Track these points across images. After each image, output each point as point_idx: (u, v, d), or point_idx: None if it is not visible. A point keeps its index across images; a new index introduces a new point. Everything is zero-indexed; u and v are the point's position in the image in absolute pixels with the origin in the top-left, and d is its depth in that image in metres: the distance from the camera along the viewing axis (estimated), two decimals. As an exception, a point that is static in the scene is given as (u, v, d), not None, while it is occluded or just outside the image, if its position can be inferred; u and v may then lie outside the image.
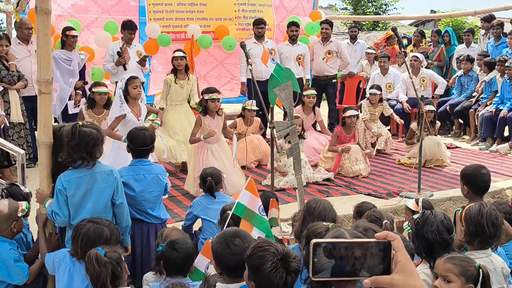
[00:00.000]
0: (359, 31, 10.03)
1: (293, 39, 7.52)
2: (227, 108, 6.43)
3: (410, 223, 2.57)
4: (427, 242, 2.37)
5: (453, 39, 9.25)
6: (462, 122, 8.49)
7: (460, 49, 8.95)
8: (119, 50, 6.36)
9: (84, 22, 7.06)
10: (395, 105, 8.16)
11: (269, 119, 4.13)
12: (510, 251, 2.95)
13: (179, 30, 7.64)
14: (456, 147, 7.63)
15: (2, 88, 5.70)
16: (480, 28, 10.01)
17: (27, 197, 3.27)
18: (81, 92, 6.47)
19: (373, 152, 6.66)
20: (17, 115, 5.79)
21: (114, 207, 3.02)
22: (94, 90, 5.54)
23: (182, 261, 2.72)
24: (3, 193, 3.19)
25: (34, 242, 3.20)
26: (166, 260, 2.73)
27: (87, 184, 2.87)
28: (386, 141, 7.04)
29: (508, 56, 7.61)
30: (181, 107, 6.00)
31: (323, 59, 7.83)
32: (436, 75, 8.28)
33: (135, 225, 3.40)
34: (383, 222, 2.81)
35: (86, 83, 6.59)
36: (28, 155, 5.97)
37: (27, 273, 2.89)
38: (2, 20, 30.78)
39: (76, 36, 6.38)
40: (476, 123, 7.80)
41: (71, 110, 6.39)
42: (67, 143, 2.80)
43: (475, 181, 3.24)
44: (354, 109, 6.28)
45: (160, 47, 7.40)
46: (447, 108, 8.28)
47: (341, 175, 6.00)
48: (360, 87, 8.69)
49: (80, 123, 2.87)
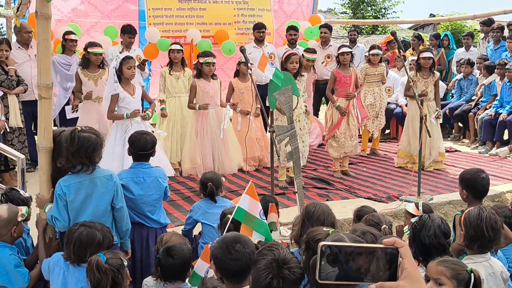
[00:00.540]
0: (359, 35, 10.02)
1: (292, 43, 7.53)
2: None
3: (409, 227, 2.57)
4: (424, 246, 2.37)
5: (452, 43, 9.28)
6: (462, 125, 8.50)
7: (460, 53, 8.98)
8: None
9: (84, 27, 7.07)
10: (394, 108, 8.17)
11: (269, 123, 4.14)
12: (509, 255, 2.95)
13: (179, 34, 7.65)
14: (456, 150, 7.64)
15: (2, 93, 5.71)
16: (479, 31, 10.04)
17: (27, 201, 3.26)
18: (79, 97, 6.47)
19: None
20: (16, 120, 5.80)
21: (114, 211, 3.02)
22: (89, 50, 5.59)
23: (179, 268, 2.72)
24: (2, 198, 3.18)
25: (34, 247, 3.20)
26: (162, 267, 2.73)
27: (87, 189, 2.87)
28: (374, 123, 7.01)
29: (508, 60, 7.63)
30: (180, 100, 6.04)
31: (322, 63, 7.84)
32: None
33: (135, 230, 3.40)
34: (381, 227, 2.81)
35: None
36: (27, 159, 5.97)
37: (27, 279, 2.88)
38: (2, 24, 30.85)
39: (75, 40, 6.39)
40: (476, 127, 7.82)
41: (69, 115, 6.39)
42: (66, 148, 2.80)
43: (475, 185, 3.24)
44: (348, 47, 6.27)
45: (159, 52, 7.42)
46: (447, 112, 8.29)
47: (341, 179, 6.00)
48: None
49: (79, 128, 2.87)
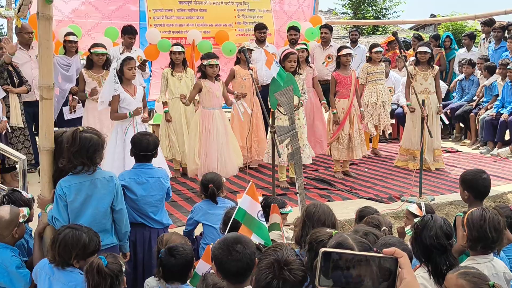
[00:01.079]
0: (360, 35, 10.03)
1: (292, 43, 7.53)
2: (228, 114, 6.41)
3: (411, 227, 2.57)
4: (425, 247, 2.36)
5: (453, 44, 9.27)
6: (463, 126, 8.49)
7: (461, 53, 8.97)
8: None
9: (84, 28, 7.07)
10: (395, 109, 8.16)
11: (270, 123, 4.14)
12: (511, 254, 2.94)
13: (179, 35, 7.66)
14: (457, 151, 7.62)
15: (5, 94, 5.71)
16: (480, 32, 10.03)
17: (29, 203, 3.25)
18: (77, 98, 6.46)
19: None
20: (16, 119, 5.80)
21: (114, 213, 3.02)
22: (92, 51, 5.57)
23: (181, 268, 2.72)
24: (4, 199, 3.18)
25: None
26: (164, 267, 2.72)
27: (87, 190, 2.86)
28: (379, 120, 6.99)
29: (509, 60, 7.61)
30: (181, 105, 6.01)
31: (323, 63, 7.83)
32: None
33: (137, 231, 3.40)
34: (381, 229, 2.80)
35: None
36: (32, 160, 5.98)
37: (29, 280, 2.88)
38: (2, 25, 30.95)
39: (74, 41, 6.37)
40: (477, 127, 7.80)
41: (67, 116, 6.39)
42: (67, 149, 2.79)
43: (476, 186, 3.23)
44: (349, 47, 6.27)
45: (160, 53, 7.42)
46: (448, 112, 8.28)
47: (343, 180, 5.99)
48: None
49: (81, 128, 2.87)
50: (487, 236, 2.39)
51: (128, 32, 6.49)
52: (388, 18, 20.71)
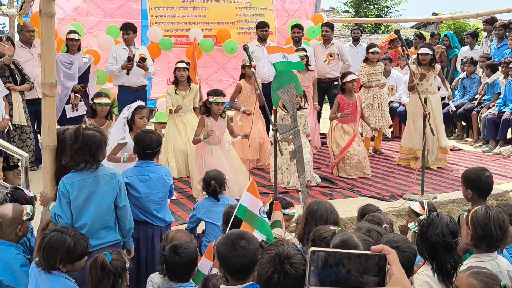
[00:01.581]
0: (361, 34, 10.01)
1: (296, 41, 7.52)
2: (229, 112, 6.38)
3: (416, 224, 2.56)
4: (430, 244, 2.35)
5: (453, 42, 9.23)
6: (465, 124, 8.48)
7: (464, 51, 8.95)
8: (130, 56, 6.40)
9: (86, 26, 7.08)
10: (397, 107, 8.15)
11: (272, 121, 4.13)
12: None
13: (181, 34, 7.66)
14: (459, 149, 7.62)
15: (8, 92, 5.71)
16: (482, 30, 10.00)
17: (32, 201, 3.25)
18: (79, 96, 6.46)
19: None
20: (19, 117, 5.81)
21: (117, 209, 3.01)
22: (95, 101, 5.53)
23: (185, 266, 2.71)
24: (7, 197, 3.18)
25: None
26: (168, 265, 2.72)
27: (90, 187, 2.86)
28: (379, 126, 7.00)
29: (511, 58, 7.59)
30: (185, 117, 6.02)
31: (324, 61, 7.82)
32: (438, 78, 8.27)
33: (140, 228, 3.40)
34: (382, 226, 2.80)
35: (84, 86, 6.57)
36: (34, 158, 5.99)
37: (33, 278, 2.88)
38: (4, 23, 30.92)
39: (75, 39, 6.36)
40: (479, 125, 7.79)
41: (69, 114, 6.39)
42: (70, 146, 2.79)
43: (479, 185, 3.22)
44: (354, 74, 6.27)
45: (162, 51, 7.42)
46: (450, 111, 8.26)
47: (344, 178, 5.99)
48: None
49: (83, 126, 2.87)
50: (491, 234, 2.39)
51: (123, 28, 6.49)
52: (390, 17, 20.66)
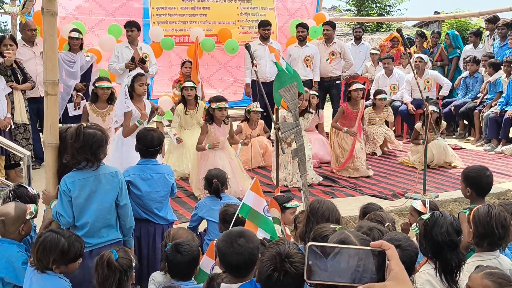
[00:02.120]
0: (363, 32, 10.00)
1: (301, 40, 7.52)
2: (230, 111, 6.40)
3: (418, 224, 2.56)
4: (436, 243, 2.35)
5: (455, 42, 9.20)
6: (467, 123, 8.46)
7: (468, 50, 8.93)
8: (134, 57, 6.43)
9: (88, 25, 7.09)
10: (399, 106, 8.14)
11: (274, 120, 4.13)
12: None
13: (182, 33, 7.67)
14: (461, 148, 7.61)
15: (10, 90, 5.72)
16: (484, 29, 9.97)
17: (35, 199, 3.26)
18: (81, 94, 6.47)
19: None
20: (21, 116, 5.82)
21: (118, 208, 3.01)
22: (97, 84, 5.55)
23: (187, 265, 2.71)
24: (10, 194, 3.19)
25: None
26: (170, 263, 2.72)
27: (92, 186, 2.86)
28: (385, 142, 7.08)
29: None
30: (191, 131, 6.03)
31: (326, 60, 7.82)
32: (441, 76, 8.27)
33: (142, 226, 3.41)
34: (385, 225, 2.80)
35: (87, 85, 6.58)
36: (32, 157, 5.99)
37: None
38: (6, 22, 31.00)
39: (76, 38, 6.37)
40: (481, 124, 7.78)
41: (71, 112, 6.40)
42: (71, 145, 2.79)
43: (480, 184, 3.22)
44: (360, 83, 6.27)
45: (163, 51, 7.44)
46: (452, 109, 8.26)
47: (346, 177, 5.99)
48: (364, 88, 8.66)
49: (84, 124, 2.87)
50: (493, 232, 2.38)
51: (126, 25, 6.51)
52: (392, 16, 20.62)
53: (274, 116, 4.19)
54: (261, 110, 6.41)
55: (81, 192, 2.84)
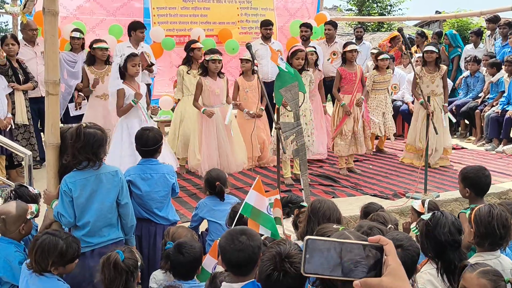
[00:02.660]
0: (364, 32, 9.99)
1: (304, 40, 7.51)
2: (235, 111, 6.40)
3: (418, 225, 2.56)
4: (438, 243, 2.35)
5: (455, 41, 9.19)
6: (468, 123, 8.46)
7: (468, 50, 8.92)
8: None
9: (89, 25, 7.09)
10: (400, 105, 8.14)
11: (275, 119, 4.13)
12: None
13: (183, 33, 7.68)
14: (462, 148, 7.60)
15: (11, 90, 5.72)
16: (485, 28, 9.97)
17: (36, 198, 3.26)
18: (83, 94, 6.47)
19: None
20: (22, 116, 5.82)
21: (119, 207, 3.02)
22: (95, 46, 5.51)
23: (189, 265, 2.72)
24: (11, 194, 3.19)
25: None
26: (172, 263, 2.72)
27: (93, 185, 2.87)
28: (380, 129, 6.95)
29: (513, 56, 7.57)
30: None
31: (328, 60, 7.81)
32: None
33: (143, 226, 3.41)
34: (387, 227, 2.79)
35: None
36: (37, 157, 6.00)
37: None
38: (7, 22, 31.05)
39: (77, 38, 6.36)
40: (482, 124, 7.77)
41: (73, 112, 6.41)
42: (72, 145, 2.80)
43: (479, 184, 3.23)
44: (354, 44, 6.25)
45: (164, 51, 7.44)
46: (453, 109, 8.25)
47: (347, 177, 5.99)
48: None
49: (84, 124, 2.87)
50: (495, 232, 2.38)
51: (140, 27, 6.35)
52: (393, 15, 20.62)
53: (275, 116, 4.19)
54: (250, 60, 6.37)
55: (82, 192, 2.84)
